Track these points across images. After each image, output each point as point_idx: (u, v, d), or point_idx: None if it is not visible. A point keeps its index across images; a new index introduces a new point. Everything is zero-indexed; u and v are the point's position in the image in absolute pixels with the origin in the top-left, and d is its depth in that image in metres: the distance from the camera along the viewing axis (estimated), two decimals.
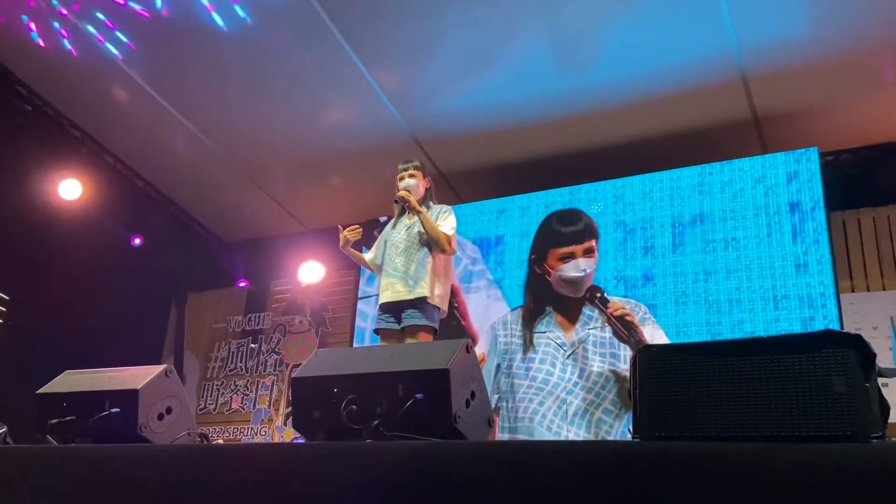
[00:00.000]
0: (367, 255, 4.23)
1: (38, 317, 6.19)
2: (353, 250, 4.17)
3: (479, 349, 5.21)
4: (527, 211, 5.82)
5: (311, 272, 7.04)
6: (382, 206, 4.53)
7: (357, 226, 4.16)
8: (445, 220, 3.97)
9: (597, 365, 4.56)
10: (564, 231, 4.98)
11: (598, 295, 4.19)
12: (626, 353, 4.77)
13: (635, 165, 5.59)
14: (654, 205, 5.44)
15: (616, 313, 3.99)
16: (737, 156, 5.34)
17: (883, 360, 1.45)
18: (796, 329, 4.66)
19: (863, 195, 5.52)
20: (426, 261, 3.89)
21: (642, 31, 4.83)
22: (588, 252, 4.81)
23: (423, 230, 3.93)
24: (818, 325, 4.59)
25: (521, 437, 4.48)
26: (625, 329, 3.94)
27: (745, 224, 5.11)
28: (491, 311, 5.47)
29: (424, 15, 4.90)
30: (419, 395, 1.94)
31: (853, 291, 5.34)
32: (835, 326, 4.51)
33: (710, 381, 1.50)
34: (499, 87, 5.41)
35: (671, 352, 1.57)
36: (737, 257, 5.05)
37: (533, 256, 5.10)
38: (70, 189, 6.15)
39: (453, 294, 5.26)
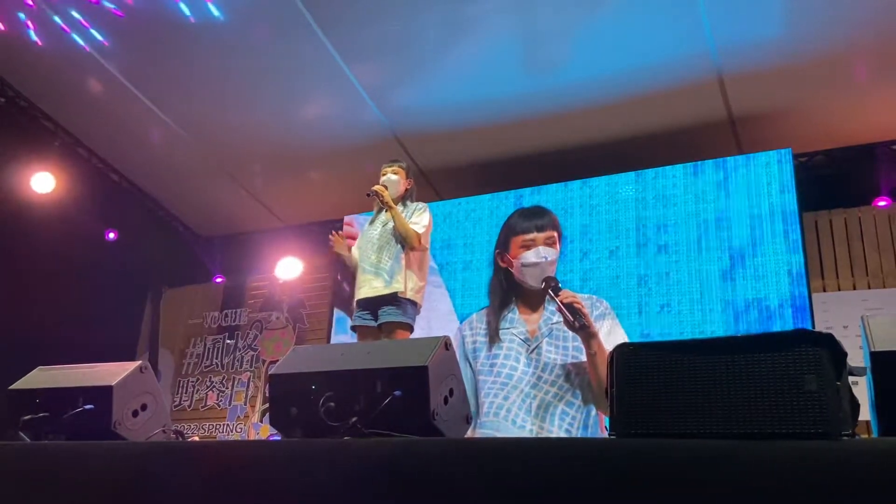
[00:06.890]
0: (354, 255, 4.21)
1: (9, 312, 6.09)
2: (347, 255, 4.19)
3: None
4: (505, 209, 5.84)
5: (288, 268, 6.99)
6: (361, 202, 4.53)
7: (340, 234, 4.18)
8: (418, 218, 3.99)
9: (559, 357, 4.59)
10: (526, 222, 5.02)
11: (552, 284, 4.17)
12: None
13: (611, 165, 5.62)
14: (635, 205, 5.49)
15: (566, 301, 3.97)
16: (712, 156, 5.39)
17: (853, 360, 1.48)
18: (769, 328, 4.73)
19: (835, 196, 5.61)
20: (400, 256, 3.92)
21: (621, 30, 4.86)
22: (549, 241, 4.83)
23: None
24: (790, 325, 4.66)
25: (486, 432, 4.51)
26: (572, 316, 3.93)
27: (719, 224, 5.17)
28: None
29: (405, 10, 4.89)
30: (397, 393, 1.94)
31: (825, 291, 5.42)
32: (807, 326, 4.58)
33: (686, 378, 1.52)
34: (479, 85, 5.42)
35: (648, 349, 1.59)
36: (713, 258, 5.11)
37: (498, 251, 5.14)
38: (43, 182, 6.05)
39: None
